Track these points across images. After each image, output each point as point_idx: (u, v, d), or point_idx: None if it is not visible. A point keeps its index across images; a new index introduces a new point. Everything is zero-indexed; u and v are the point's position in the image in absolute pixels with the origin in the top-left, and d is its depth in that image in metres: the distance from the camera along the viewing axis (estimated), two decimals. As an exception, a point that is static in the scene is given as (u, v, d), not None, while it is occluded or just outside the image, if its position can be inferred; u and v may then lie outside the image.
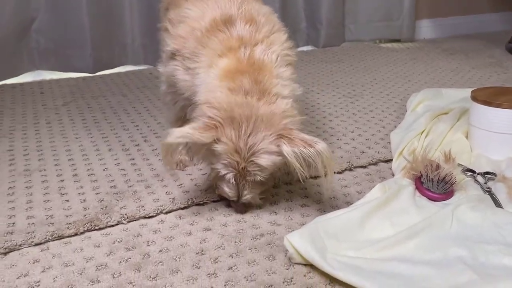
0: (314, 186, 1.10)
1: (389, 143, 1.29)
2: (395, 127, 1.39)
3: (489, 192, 1.02)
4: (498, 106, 1.14)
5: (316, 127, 1.42)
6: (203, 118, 0.89)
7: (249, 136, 0.88)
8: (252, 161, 0.89)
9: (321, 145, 0.86)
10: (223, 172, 0.91)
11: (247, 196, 0.94)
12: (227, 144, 0.88)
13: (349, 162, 1.19)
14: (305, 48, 2.50)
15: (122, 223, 0.95)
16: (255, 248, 0.88)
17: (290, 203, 1.03)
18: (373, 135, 1.36)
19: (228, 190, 0.95)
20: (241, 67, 0.94)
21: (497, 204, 0.97)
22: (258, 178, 0.91)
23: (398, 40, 2.64)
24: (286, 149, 0.88)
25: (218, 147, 0.89)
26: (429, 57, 2.31)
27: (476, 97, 1.20)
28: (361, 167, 1.19)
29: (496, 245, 0.83)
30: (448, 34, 2.80)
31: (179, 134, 0.87)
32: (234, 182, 0.92)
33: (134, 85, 1.91)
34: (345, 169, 1.17)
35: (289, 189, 1.09)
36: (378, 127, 1.42)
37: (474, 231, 0.87)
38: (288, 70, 0.98)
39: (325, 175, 0.88)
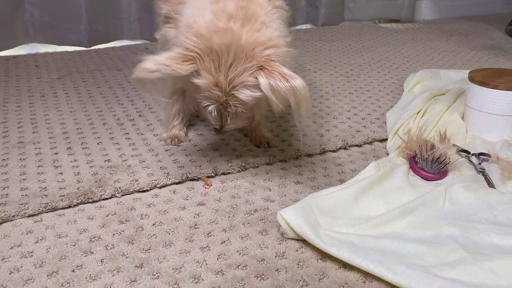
0: (309, 164, 1.10)
1: (385, 122, 1.29)
2: (392, 107, 1.39)
3: (482, 172, 1.02)
4: (495, 87, 1.14)
5: (313, 106, 1.41)
6: (181, 47, 0.85)
7: (229, 68, 0.85)
8: (232, 94, 0.87)
9: (297, 82, 0.83)
10: (205, 103, 0.90)
11: (230, 125, 0.95)
12: (207, 78, 0.86)
13: (344, 140, 1.18)
14: (304, 26, 2.47)
15: (116, 196, 0.95)
16: (248, 223, 0.88)
17: (284, 180, 1.03)
18: (369, 114, 1.36)
19: (211, 119, 0.94)
20: None
21: (490, 184, 0.98)
22: (240, 110, 0.90)
23: (397, 21, 2.61)
24: (263, 81, 0.84)
25: (198, 81, 0.86)
26: (428, 38, 2.29)
27: (473, 77, 1.19)
28: (356, 146, 1.19)
29: (488, 224, 0.84)
30: (448, 15, 2.77)
31: (153, 67, 0.81)
32: (216, 113, 0.91)
33: (130, 59, 1.89)
34: (340, 148, 1.17)
35: (283, 166, 1.09)
36: (374, 107, 1.41)
37: (467, 210, 0.88)
38: (278, 18, 0.93)
39: (298, 113, 0.86)
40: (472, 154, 1.09)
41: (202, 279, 0.74)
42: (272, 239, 0.83)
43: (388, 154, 1.13)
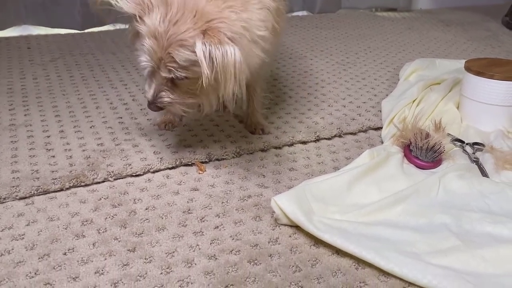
0: (303, 151, 1.09)
1: (380, 111, 1.28)
2: (387, 95, 1.38)
3: (476, 162, 1.02)
4: (491, 77, 1.14)
5: (308, 93, 1.41)
6: None
7: (174, 24, 0.81)
8: (168, 53, 0.82)
9: (231, 48, 0.78)
10: (141, 61, 0.85)
11: (165, 100, 0.87)
12: (147, 26, 0.82)
13: (339, 128, 1.18)
14: (300, 13, 2.45)
15: (109, 180, 0.95)
16: (242, 209, 0.88)
17: (278, 167, 1.03)
18: (364, 102, 1.35)
19: (146, 87, 0.88)
20: None
21: (484, 174, 0.98)
22: (173, 75, 0.84)
23: (394, 9, 2.60)
24: (199, 44, 0.79)
25: (139, 26, 0.83)
26: (425, 27, 2.28)
27: (469, 67, 1.19)
28: (351, 133, 1.18)
29: (480, 213, 0.84)
30: (445, 5, 2.76)
31: None
32: (149, 76, 0.86)
33: (124, 43, 1.87)
34: (335, 135, 1.16)
35: (278, 153, 1.08)
36: (369, 95, 1.41)
37: (460, 199, 0.88)
38: (260, 9, 0.87)
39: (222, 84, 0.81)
40: (467, 144, 1.09)
41: (195, 264, 0.73)
42: (266, 225, 0.83)
43: (382, 143, 1.12)
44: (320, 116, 1.25)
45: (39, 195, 0.89)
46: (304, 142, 1.13)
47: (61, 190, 0.91)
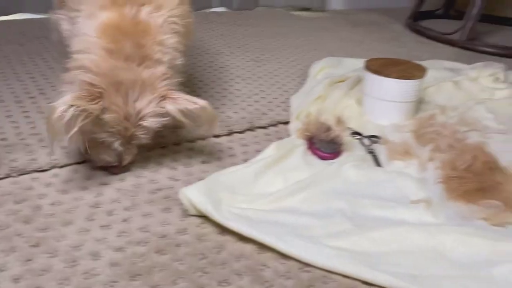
0: (216, 144, 1.13)
1: (289, 106, 1.35)
2: (297, 91, 1.46)
3: (372, 153, 1.12)
4: (387, 75, 1.25)
5: (223, 88, 1.44)
6: (82, 85, 0.84)
7: (136, 101, 0.88)
8: (140, 125, 0.89)
9: (203, 102, 0.90)
10: (108, 140, 0.89)
11: (127, 159, 0.95)
12: (117, 112, 0.86)
13: (251, 122, 1.23)
14: (218, 9, 2.48)
15: (12, 176, 0.92)
16: (152, 202, 0.89)
17: (190, 160, 1.05)
18: (275, 98, 1.42)
19: (107, 157, 0.93)
20: (125, 25, 0.90)
21: (378, 163, 1.08)
22: (144, 141, 0.92)
23: (309, 9, 2.72)
24: (171, 108, 0.89)
25: (106, 116, 0.86)
26: (336, 27, 2.41)
27: (368, 66, 1.29)
28: (262, 127, 1.24)
29: (372, 199, 0.92)
30: (355, 6, 2.93)
31: (66, 108, 0.76)
32: (120, 148, 0.91)
33: (33, 34, 1.78)
34: (247, 129, 1.21)
35: (191, 146, 1.11)
36: (281, 91, 1.47)
37: (355, 186, 0.96)
38: (172, 38, 0.95)
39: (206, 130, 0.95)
40: (364, 136, 1.19)
41: (102, 256, 0.74)
42: (175, 217, 0.86)
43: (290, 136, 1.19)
44: (234, 111, 1.29)
45: None
46: (217, 136, 1.16)
47: (-42, 187, 0.87)
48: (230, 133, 1.19)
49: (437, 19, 2.66)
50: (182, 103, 0.89)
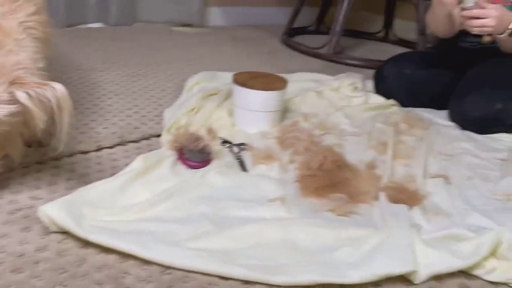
0: (83, 161, 1.12)
1: (163, 119, 1.39)
2: (171, 105, 1.50)
3: (239, 159, 1.20)
4: (251, 87, 1.34)
5: (94, 104, 1.43)
6: None
7: None
8: None
9: (56, 84, 0.85)
10: None
11: None
12: None
13: (122, 137, 1.24)
14: (94, 25, 2.44)
15: None
16: (10, 222, 0.87)
17: (55, 178, 1.04)
18: (149, 112, 1.44)
19: None
20: None
21: (244, 169, 1.16)
22: None
23: (189, 25, 2.78)
24: (20, 94, 0.84)
25: None
26: (216, 42, 2.50)
27: (236, 79, 1.38)
28: (134, 141, 1.25)
29: (234, 201, 0.99)
30: (236, 22, 3.06)
31: None
32: None
33: None
34: (117, 144, 1.22)
35: (56, 164, 1.09)
36: (155, 105, 1.50)
37: (220, 191, 1.03)
38: (31, 41, 0.94)
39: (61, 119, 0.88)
40: (233, 145, 1.27)
41: None
42: (35, 235, 0.84)
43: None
44: (104, 126, 1.29)
45: None
46: (84, 152, 1.16)
47: None
48: (99, 149, 1.18)
49: (310, 34, 2.89)
50: (32, 87, 0.84)
